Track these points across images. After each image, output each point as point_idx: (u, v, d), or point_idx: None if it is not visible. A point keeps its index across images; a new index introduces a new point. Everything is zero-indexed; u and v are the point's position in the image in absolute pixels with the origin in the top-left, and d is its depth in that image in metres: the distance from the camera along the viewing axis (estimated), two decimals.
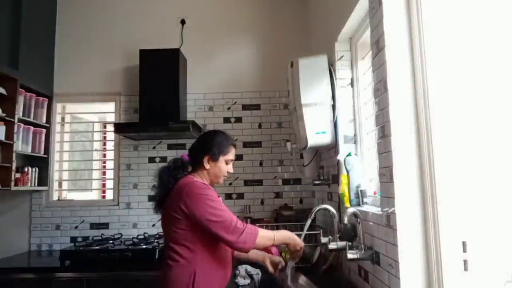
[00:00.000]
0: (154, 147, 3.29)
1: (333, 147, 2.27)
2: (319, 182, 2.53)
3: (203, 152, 1.80)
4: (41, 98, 3.14)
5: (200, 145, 1.85)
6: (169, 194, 1.72)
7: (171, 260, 1.67)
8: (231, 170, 1.88)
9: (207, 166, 1.80)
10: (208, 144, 1.81)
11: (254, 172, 3.28)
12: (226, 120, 3.33)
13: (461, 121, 1.26)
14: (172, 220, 1.67)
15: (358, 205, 1.87)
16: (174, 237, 1.67)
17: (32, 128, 3.01)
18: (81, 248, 2.74)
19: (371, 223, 1.63)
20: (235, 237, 1.61)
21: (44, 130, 3.16)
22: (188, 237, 1.65)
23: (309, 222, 1.93)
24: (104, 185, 3.52)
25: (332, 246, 1.82)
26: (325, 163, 2.58)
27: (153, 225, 3.17)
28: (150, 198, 3.16)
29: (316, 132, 2.19)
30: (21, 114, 2.88)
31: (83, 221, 3.20)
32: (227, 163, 1.84)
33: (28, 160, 3.05)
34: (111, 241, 2.88)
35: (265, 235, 1.69)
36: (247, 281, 2.03)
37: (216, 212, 1.63)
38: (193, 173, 1.81)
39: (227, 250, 1.77)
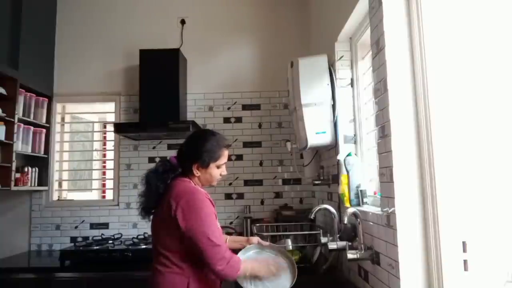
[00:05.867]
0: (154, 147, 3.29)
1: (333, 147, 2.27)
2: (319, 182, 2.53)
3: (192, 160, 1.70)
4: (41, 98, 3.14)
5: (188, 151, 1.73)
6: (163, 198, 1.64)
7: (163, 266, 1.62)
8: (225, 173, 1.79)
9: (197, 173, 1.71)
10: (197, 152, 1.69)
11: (254, 172, 3.28)
12: (226, 120, 3.33)
13: (461, 121, 1.27)
14: (165, 226, 1.61)
15: (358, 205, 1.87)
16: (166, 243, 1.62)
17: (32, 128, 3.01)
18: (81, 248, 2.74)
19: (371, 223, 1.63)
20: (222, 265, 1.54)
21: (44, 130, 3.16)
22: (183, 245, 1.58)
23: None
24: (104, 185, 3.52)
25: (332, 246, 1.82)
26: (325, 163, 2.58)
27: (151, 227, 3.16)
28: None
29: (316, 132, 2.19)
30: (21, 114, 2.88)
31: (83, 221, 3.20)
32: (219, 167, 1.75)
33: (28, 160, 3.04)
34: (111, 241, 2.88)
35: (245, 268, 1.64)
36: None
37: (216, 234, 1.57)
38: (186, 176, 1.73)
39: None
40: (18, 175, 2.86)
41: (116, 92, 3.35)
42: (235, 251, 1.84)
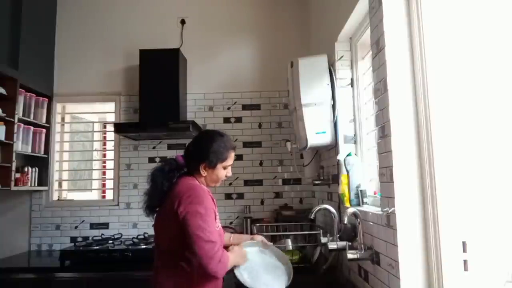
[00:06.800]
0: (154, 147, 3.29)
1: (333, 147, 2.27)
2: (319, 182, 2.53)
3: (199, 160, 1.71)
4: (41, 98, 3.14)
5: (196, 151, 1.73)
6: (167, 197, 1.65)
7: (166, 265, 1.62)
8: (230, 174, 1.80)
9: (204, 173, 1.72)
10: (205, 152, 1.70)
11: (254, 172, 3.28)
12: (226, 120, 3.33)
13: (461, 121, 1.27)
14: (168, 224, 1.61)
15: (358, 205, 1.87)
16: (169, 241, 1.62)
17: (32, 128, 3.01)
18: (81, 248, 2.74)
19: (371, 223, 1.63)
20: (214, 264, 1.52)
21: (44, 130, 3.16)
22: (186, 244, 1.56)
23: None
24: (104, 185, 3.52)
25: (332, 246, 1.82)
26: (325, 163, 2.58)
27: (153, 225, 3.16)
28: None
29: (316, 132, 2.19)
30: (21, 114, 2.88)
31: (83, 221, 3.20)
32: (225, 168, 1.76)
33: (28, 160, 3.04)
34: (111, 241, 2.88)
35: (231, 264, 1.64)
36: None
37: (211, 231, 1.56)
38: (191, 176, 1.74)
39: None
40: (18, 175, 2.86)
41: (116, 92, 3.35)
42: None
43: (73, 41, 3.40)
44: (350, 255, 1.63)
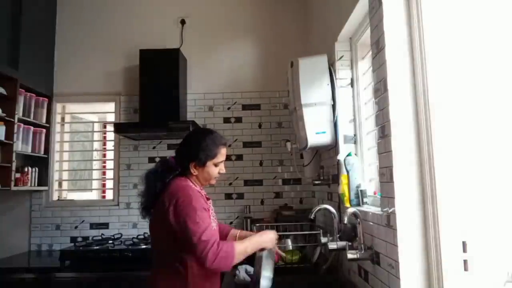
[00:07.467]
0: (154, 147, 3.29)
1: (333, 147, 2.27)
2: (319, 182, 2.53)
3: (188, 159, 1.70)
4: (41, 98, 3.14)
5: (185, 150, 1.73)
6: (159, 198, 1.64)
7: (161, 266, 1.62)
8: (223, 171, 1.78)
9: (195, 172, 1.71)
10: (193, 150, 1.69)
11: (254, 172, 3.28)
12: (226, 120, 3.33)
13: (461, 121, 1.26)
14: (161, 225, 1.60)
15: (358, 205, 1.87)
16: (163, 242, 1.62)
17: (32, 128, 3.01)
18: (81, 248, 2.74)
19: (371, 223, 1.63)
20: (211, 260, 1.48)
21: (44, 130, 3.16)
22: (180, 245, 1.56)
23: None
24: (104, 185, 3.52)
25: (332, 246, 1.82)
26: (325, 163, 2.58)
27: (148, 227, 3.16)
28: None
29: (316, 132, 2.19)
30: (21, 114, 2.87)
31: (83, 221, 3.20)
32: (217, 165, 1.73)
33: (28, 160, 3.04)
34: (111, 241, 2.88)
35: (240, 252, 1.57)
36: (247, 280, 2.03)
37: (204, 229, 1.53)
38: (184, 176, 1.72)
39: None
40: (18, 175, 2.86)
41: (116, 92, 3.35)
42: None
43: (73, 41, 3.40)
44: (350, 255, 1.62)
